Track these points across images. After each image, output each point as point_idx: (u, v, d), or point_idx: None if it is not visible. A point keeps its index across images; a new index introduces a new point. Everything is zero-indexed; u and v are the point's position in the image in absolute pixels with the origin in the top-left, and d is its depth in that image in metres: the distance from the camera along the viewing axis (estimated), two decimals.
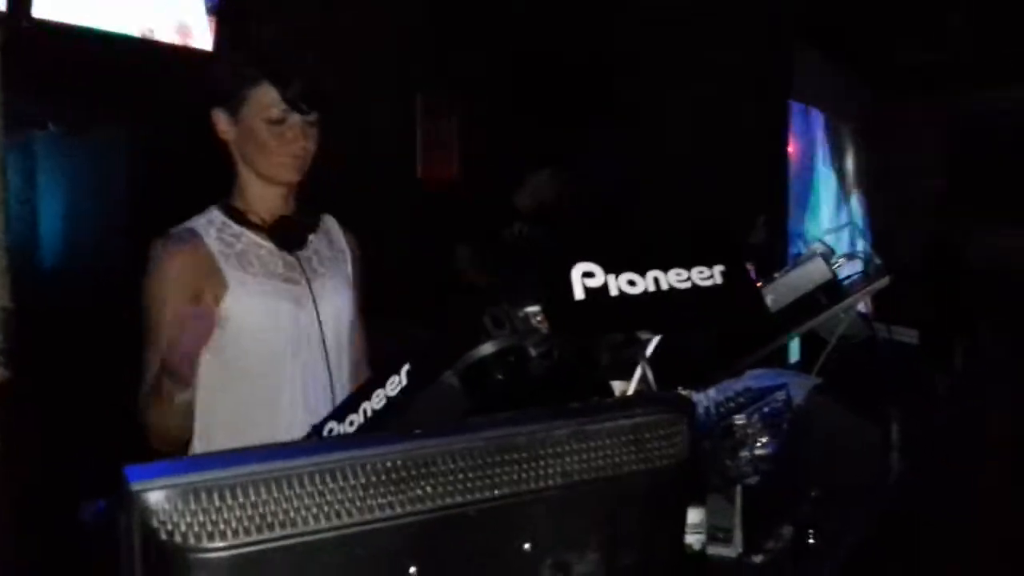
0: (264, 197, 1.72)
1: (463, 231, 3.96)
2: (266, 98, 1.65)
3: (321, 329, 1.70)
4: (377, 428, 1.10)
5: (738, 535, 1.51)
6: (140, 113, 3.29)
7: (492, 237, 3.85)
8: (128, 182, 3.37)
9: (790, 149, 6.22)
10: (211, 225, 1.71)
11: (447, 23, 4.58)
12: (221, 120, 1.69)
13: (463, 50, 4.69)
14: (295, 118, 1.66)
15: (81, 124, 3.33)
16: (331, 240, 1.83)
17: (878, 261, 2.10)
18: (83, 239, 3.30)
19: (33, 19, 2.89)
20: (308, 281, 1.71)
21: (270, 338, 1.66)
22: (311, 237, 1.77)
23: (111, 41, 3.19)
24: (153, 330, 1.64)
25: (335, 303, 1.75)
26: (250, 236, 1.71)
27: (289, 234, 1.72)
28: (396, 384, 1.09)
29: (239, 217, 1.71)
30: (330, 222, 1.85)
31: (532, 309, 1.05)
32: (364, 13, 4.10)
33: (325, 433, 1.16)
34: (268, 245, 1.71)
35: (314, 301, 1.70)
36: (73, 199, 3.33)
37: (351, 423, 1.14)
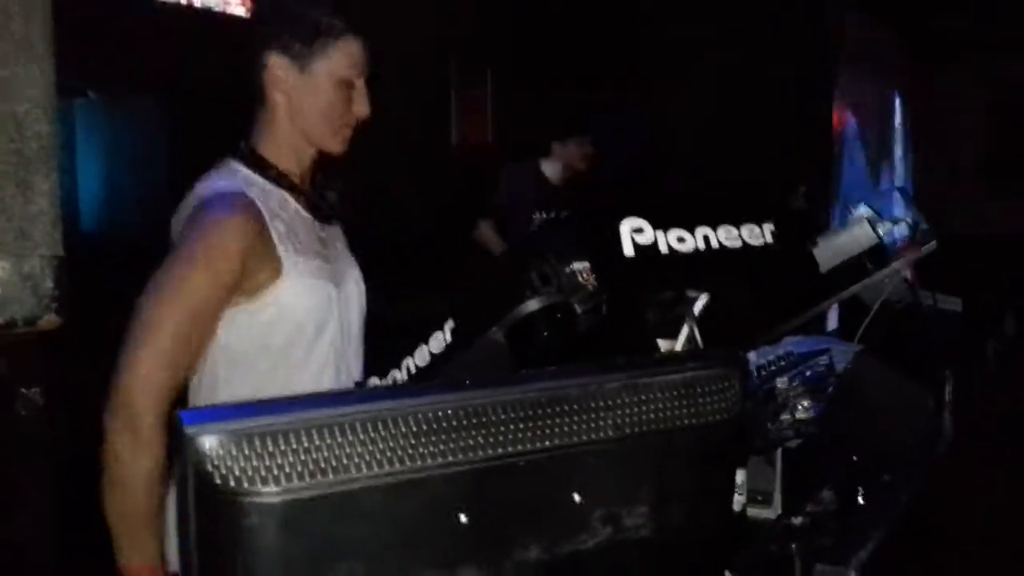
0: (301, 156, 1.51)
1: (490, 205, 3.83)
2: (347, 55, 1.47)
3: (358, 299, 1.57)
4: None
5: (778, 497, 1.50)
6: (179, 78, 3.30)
7: (513, 213, 3.68)
8: (167, 147, 3.39)
9: (835, 114, 6.10)
10: (252, 188, 1.45)
11: None
12: (279, 66, 1.46)
13: (496, 16, 4.64)
14: (361, 84, 1.49)
15: (121, 91, 3.35)
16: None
17: (925, 226, 2.05)
18: (122, 202, 3.34)
19: None
20: (336, 257, 1.55)
21: (311, 319, 1.47)
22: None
23: (150, 7, 3.20)
24: (165, 316, 1.32)
25: (356, 279, 1.61)
26: (293, 204, 1.49)
27: (329, 205, 1.53)
28: (441, 340, 1.08)
29: (282, 180, 1.48)
30: None
31: (579, 265, 1.03)
32: None
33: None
34: (308, 216, 1.51)
35: (345, 274, 1.55)
36: (112, 164, 3.36)
37: (392, 379, 1.14)
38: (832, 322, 2.76)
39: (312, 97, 1.47)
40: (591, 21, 4.92)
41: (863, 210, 1.94)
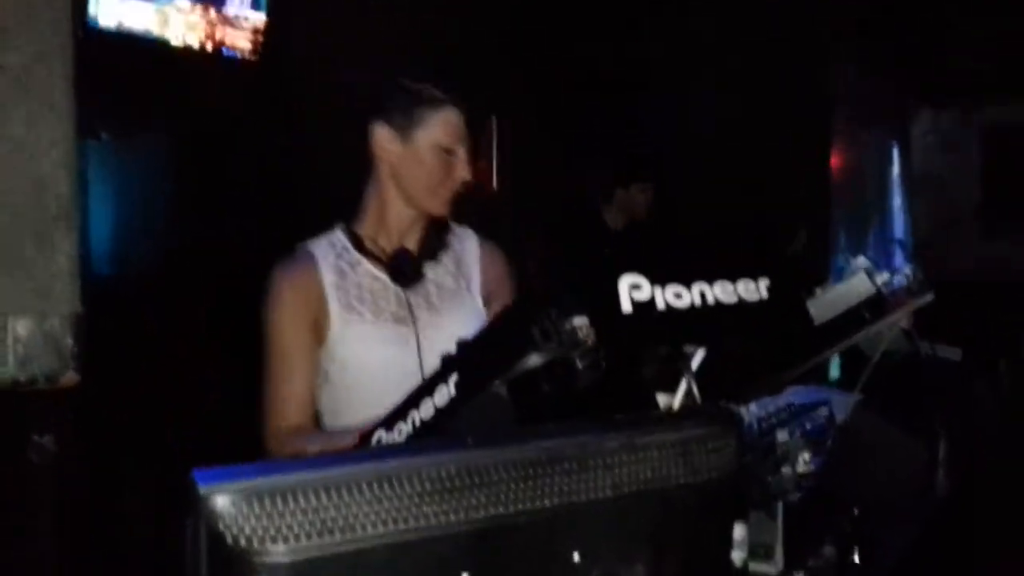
0: (403, 220, 1.62)
1: (542, 242, 3.76)
2: (447, 124, 1.57)
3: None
4: (425, 437, 1.11)
5: (779, 552, 1.50)
6: (190, 121, 3.36)
7: (572, 253, 3.59)
8: (178, 189, 3.44)
9: (834, 160, 6.16)
10: (331, 249, 1.62)
11: (482, 35, 4.62)
12: (384, 136, 1.58)
13: (501, 65, 4.72)
14: (462, 150, 1.59)
15: (132, 133, 3.42)
16: (459, 265, 1.68)
17: (921, 276, 2.08)
18: (134, 245, 3.38)
19: (88, 29, 2.97)
20: (416, 321, 1.58)
21: (373, 381, 1.54)
22: (433, 266, 1.64)
23: (161, 50, 3.27)
24: (276, 359, 1.56)
25: (452, 342, 1.63)
26: (367, 267, 1.60)
27: (405, 268, 1.60)
28: (445, 394, 1.11)
29: (360, 244, 1.61)
30: (466, 240, 1.72)
31: (579, 321, 1.06)
32: (398, 25, 4.15)
33: (373, 441, 1.18)
34: (384, 278, 1.60)
35: (419, 344, 1.57)
36: (124, 206, 3.42)
37: (399, 431, 1.16)
38: (834, 371, 2.77)
39: (415, 166, 1.57)
40: (594, 69, 5.01)
41: (861, 261, 1.96)
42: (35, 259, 0.71)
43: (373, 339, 1.57)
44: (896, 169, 7.82)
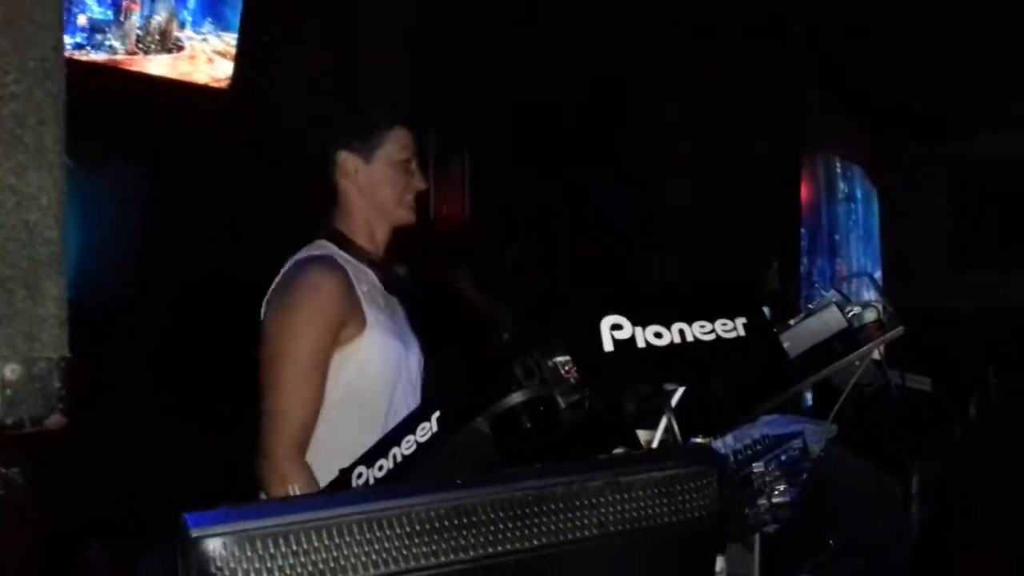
0: (376, 234, 1.81)
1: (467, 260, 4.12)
2: (400, 141, 1.79)
3: (419, 364, 1.84)
4: (407, 473, 1.12)
5: None
6: (156, 149, 3.35)
7: (491, 262, 4.02)
8: (147, 217, 3.42)
9: (803, 194, 6.26)
10: (338, 258, 1.78)
11: (458, 66, 4.67)
12: (349, 161, 1.78)
13: (474, 93, 4.77)
14: (414, 162, 1.81)
15: (95, 160, 3.39)
16: None
17: (892, 310, 2.12)
18: (100, 273, 3.34)
19: None
20: (400, 322, 1.84)
21: (386, 372, 1.76)
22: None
23: (126, 77, 3.26)
24: (294, 366, 1.65)
25: (416, 343, 1.86)
26: (371, 276, 1.80)
27: (400, 278, 1.84)
28: (427, 430, 1.11)
29: (361, 254, 1.78)
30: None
31: (561, 359, 1.08)
32: (376, 55, 4.18)
33: (354, 477, 1.18)
34: (379, 286, 1.82)
35: (411, 339, 1.84)
36: (87, 235, 3.38)
37: (380, 467, 1.16)
38: (807, 399, 2.81)
39: (381, 181, 1.78)
40: (569, 101, 5.07)
41: (832, 295, 2.01)
42: (24, 303, 0.71)
43: (389, 333, 1.75)
44: (866, 201, 7.97)
